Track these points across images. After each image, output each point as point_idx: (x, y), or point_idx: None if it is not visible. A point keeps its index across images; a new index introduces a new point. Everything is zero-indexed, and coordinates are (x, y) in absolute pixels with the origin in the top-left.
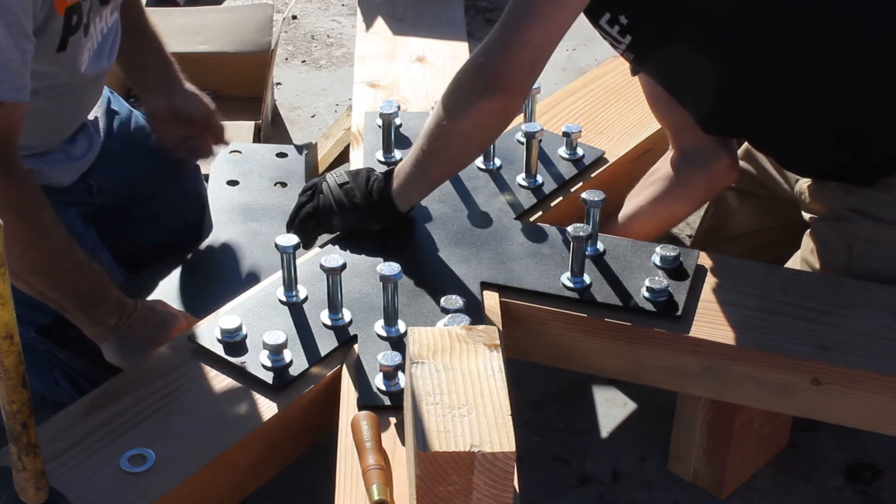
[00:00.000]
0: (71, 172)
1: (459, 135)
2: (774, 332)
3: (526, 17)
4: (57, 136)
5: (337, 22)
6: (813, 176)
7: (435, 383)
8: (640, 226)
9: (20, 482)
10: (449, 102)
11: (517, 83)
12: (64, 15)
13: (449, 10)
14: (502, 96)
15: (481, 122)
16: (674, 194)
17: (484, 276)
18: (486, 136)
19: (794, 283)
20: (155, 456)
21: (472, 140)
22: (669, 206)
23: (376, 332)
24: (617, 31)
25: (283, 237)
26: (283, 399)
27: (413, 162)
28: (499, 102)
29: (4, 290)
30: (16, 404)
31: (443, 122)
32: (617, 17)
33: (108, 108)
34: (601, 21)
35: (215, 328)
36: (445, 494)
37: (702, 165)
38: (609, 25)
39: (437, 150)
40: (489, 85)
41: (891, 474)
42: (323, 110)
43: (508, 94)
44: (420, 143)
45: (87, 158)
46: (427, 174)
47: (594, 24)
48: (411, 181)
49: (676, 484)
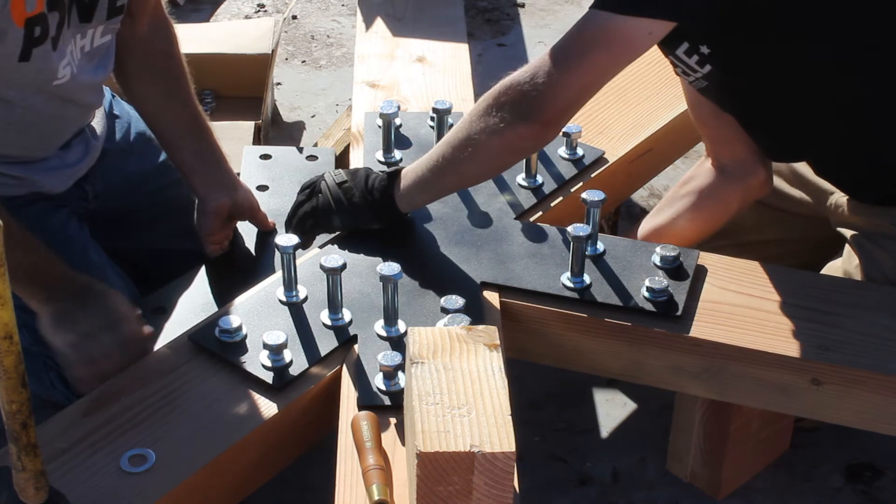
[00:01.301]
0: (65, 179)
1: (488, 151)
2: (774, 332)
3: (578, 58)
4: (47, 145)
5: (337, 22)
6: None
7: (435, 383)
8: (673, 240)
9: (20, 482)
10: (484, 118)
11: (558, 118)
12: (24, 26)
13: (449, 10)
14: (541, 127)
15: (513, 145)
16: (708, 207)
17: (484, 276)
18: (512, 159)
19: (795, 283)
20: (155, 456)
21: (498, 159)
22: (704, 218)
23: (376, 332)
24: (695, 62)
25: (283, 237)
26: (283, 399)
27: (430, 166)
28: (536, 131)
29: (4, 290)
30: (15, 404)
31: (474, 135)
32: (697, 47)
33: (109, 111)
34: (677, 51)
35: (215, 328)
36: (445, 494)
37: (739, 178)
38: (687, 55)
39: (459, 161)
40: (530, 113)
41: (891, 474)
42: (323, 110)
43: (547, 126)
44: (441, 150)
45: (82, 164)
46: (441, 182)
47: (667, 54)
48: (422, 185)
49: (676, 484)
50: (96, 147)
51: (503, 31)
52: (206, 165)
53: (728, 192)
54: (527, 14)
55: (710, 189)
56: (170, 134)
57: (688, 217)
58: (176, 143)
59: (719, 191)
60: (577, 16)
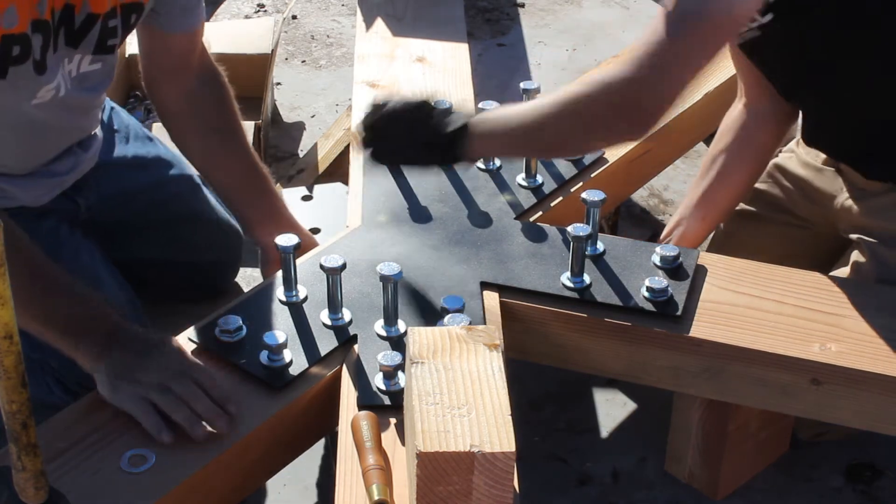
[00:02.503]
0: (50, 189)
1: (585, 143)
2: (774, 332)
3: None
4: (29, 161)
5: (337, 22)
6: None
7: (435, 383)
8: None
9: (20, 482)
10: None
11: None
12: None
13: (449, 10)
14: (642, 132)
15: (610, 144)
16: (749, 153)
17: (484, 276)
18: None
19: (794, 283)
20: (155, 456)
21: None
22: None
23: (376, 332)
24: None
25: (283, 237)
26: (283, 399)
27: (519, 126)
28: (636, 136)
29: (4, 290)
30: (15, 404)
31: (578, 125)
32: None
33: (108, 125)
34: None
35: (215, 328)
36: (445, 494)
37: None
38: None
39: (552, 141)
40: (640, 123)
41: (891, 474)
42: (323, 110)
43: (647, 129)
44: (537, 116)
45: (69, 176)
46: (525, 146)
47: None
48: (504, 140)
49: (676, 484)
50: (87, 159)
51: (503, 31)
52: (266, 217)
53: (763, 132)
54: (527, 14)
55: (745, 136)
56: (227, 187)
57: (732, 169)
58: (234, 196)
59: (755, 133)
60: (577, 16)
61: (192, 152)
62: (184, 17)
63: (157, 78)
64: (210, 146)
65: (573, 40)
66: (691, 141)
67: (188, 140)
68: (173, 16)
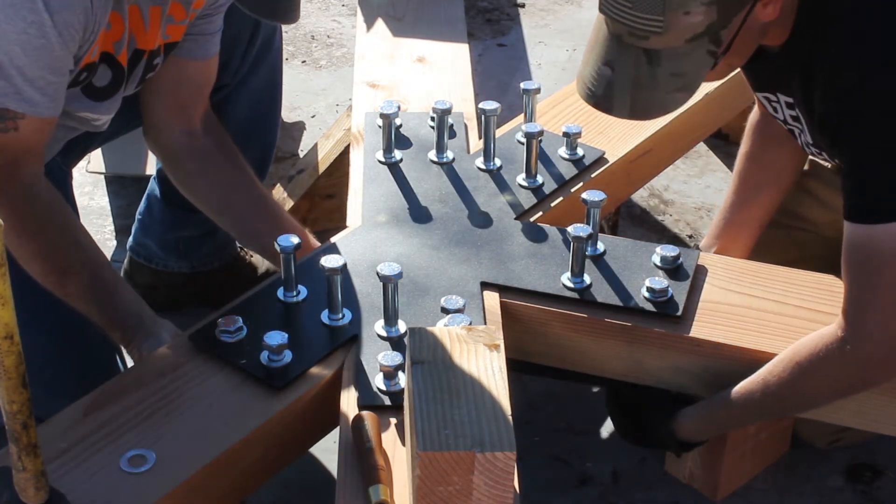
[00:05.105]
0: None
1: None
2: (774, 332)
3: None
4: None
5: (337, 22)
6: None
7: (435, 383)
8: (758, 220)
9: (20, 482)
10: (815, 390)
11: None
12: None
13: (449, 11)
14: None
15: None
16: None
17: (484, 276)
18: None
19: (795, 283)
20: (155, 456)
21: None
22: (765, 193)
23: (376, 332)
24: None
25: (284, 237)
26: (283, 399)
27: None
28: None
29: (4, 290)
30: (16, 404)
31: None
32: None
33: None
34: None
35: (215, 328)
36: (445, 495)
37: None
38: None
39: None
40: (869, 381)
41: (891, 474)
42: (323, 110)
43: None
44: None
45: None
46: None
47: None
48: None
49: (676, 484)
50: None
51: (503, 32)
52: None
53: (771, 154)
54: (527, 14)
55: (775, 156)
56: (240, 223)
57: (763, 190)
58: (248, 232)
59: (781, 151)
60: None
61: (200, 195)
62: (205, 44)
63: (163, 118)
64: (218, 185)
65: (573, 40)
66: (691, 141)
67: (195, 181)
68: (195, 42)
